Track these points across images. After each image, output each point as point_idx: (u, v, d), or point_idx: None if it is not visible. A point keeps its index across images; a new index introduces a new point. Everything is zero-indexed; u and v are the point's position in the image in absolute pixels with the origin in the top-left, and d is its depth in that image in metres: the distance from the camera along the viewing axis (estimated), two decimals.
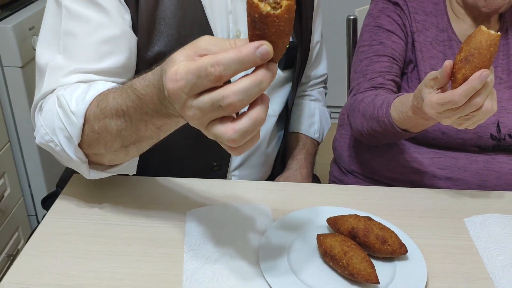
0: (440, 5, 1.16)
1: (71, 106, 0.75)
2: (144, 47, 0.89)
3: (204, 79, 0.53)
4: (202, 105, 0.54)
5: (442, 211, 0.84)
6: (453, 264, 0.73)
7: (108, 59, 0.85)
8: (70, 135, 0.75)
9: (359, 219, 0.73)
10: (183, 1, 0.89)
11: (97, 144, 0.75)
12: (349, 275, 0.67)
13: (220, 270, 0.70)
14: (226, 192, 0.87)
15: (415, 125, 0.92)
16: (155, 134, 0.70)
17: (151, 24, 0.88)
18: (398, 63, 1.12)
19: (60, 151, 0.78)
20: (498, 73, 1.13)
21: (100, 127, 0.73)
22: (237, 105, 0.53)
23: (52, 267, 0.71)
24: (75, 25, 0.84)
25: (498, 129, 1.09)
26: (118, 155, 0.77)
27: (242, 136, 0.54)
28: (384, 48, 1.12)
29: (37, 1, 1.76)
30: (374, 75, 1.10)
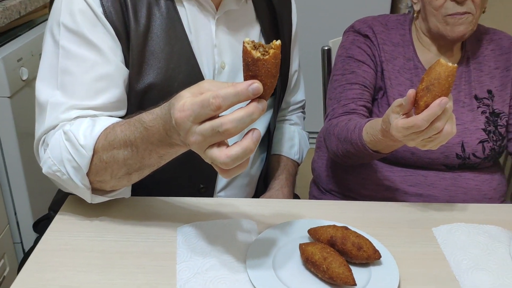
0: (406, 37, 1.26)
1: (80, 140, 0.82)
2: (135, 80, 0.96)
3: (207, 109, 0.63)
4: (203, 131, 0.64)
5: (412, 222, 0.91)
6: (423, 268, 0.80)
7: (103, 95, 0.91)
8: (78, 165, 0.83)
9: (337, 228, 0.80)
10: (171, 36, 0.97)
11: (104, 172, 0.83)
12: (329, 279, 0.73)
13: (211, 279, 0.75)
14: (214, 209, 0.93)
15: (385, 146, 1.00)
16: (157, 162, 0.79)
17: (142, 58, 0.95)
18: (369, 90, 1.21)
19: (67, 180, 0.85)
20: (461, 98, 1.23)
21: (108, 157, 0.81)
22: (232, 131, 0.63)
23: (54, 280, 0.76)
24: (72, 63, 0.90)
25: (463, 149, 1.19)
26: (121, 182, 0.85)
27: (233, 161, 0.64)
28: (355, 76, 1.21)
29: (25, 34, 1.82)
30: (347, 101, 1.19)
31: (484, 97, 1.23)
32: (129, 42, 0.94)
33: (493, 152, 1.20)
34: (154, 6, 0.96)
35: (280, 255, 0.80)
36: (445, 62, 0.79)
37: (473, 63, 1.25)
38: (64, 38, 0.90)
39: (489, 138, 1.20)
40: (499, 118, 1.22)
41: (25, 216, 1.78)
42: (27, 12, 1.89)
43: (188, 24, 0.98)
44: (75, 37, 0.90)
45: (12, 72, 1.64)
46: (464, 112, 1.21)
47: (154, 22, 0.96)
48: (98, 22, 0.91)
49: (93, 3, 0.90)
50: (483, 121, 1.21)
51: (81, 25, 0.90)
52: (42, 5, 2.04)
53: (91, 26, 0.90)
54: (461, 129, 1.19)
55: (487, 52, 1.27)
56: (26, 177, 1.74)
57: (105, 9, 0.91)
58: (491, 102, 1.23)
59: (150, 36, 0.96)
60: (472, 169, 1.21)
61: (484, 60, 1.26)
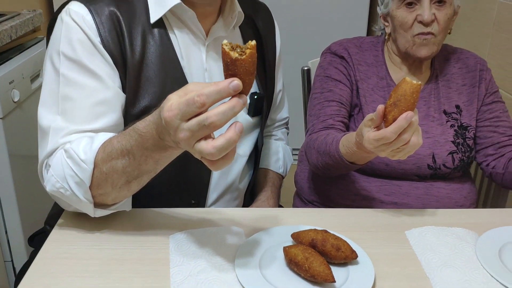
0: (379, 57, 1.36)
1: (80, 156, 0.88)
2: (131, 103, 1.02)
3: (192, 106, 0.70)
4: (191, 126, 0.70)
5: (386, 226, 0.99)
6: (396, 267, 0.87)
7: (102, 119, 0.97)
8: (81, 180, 0.88)
9: (317, 232, 0.87)
10: (164, 62, 1.03)
11: (105, 183, 0.88)
12: (310, 277, 0.80)
13: (202, 280, 0.82)
14: (204, 218, 1.00)
15: (360, 158, 1.08)
16: (153, 168, 0.85)
17: (138, 84, 1.02)
18: (345, 106, 1.30)
19: (70, 195, 0.90)
20: (431, 113, 1.32)
21: (108, 168, 0.87)
22: (217, 123, 0.70)
23: (54, 285, 0.81)
24: (72, 90, 0.96)
25: (434, 160, 1.27)
26: (122, 192, 0.90)
27: (218, 151, 0.70)
28: (333, 94, 1.30)
29: (15, 57, 1.87)
30: (326, 118, 1.28)
31: (452, 112, 1.32)
32: (126, 68, 1.00)
33: (462, 163, 1.29)
34: (148, 34, 1.02)
35: (265, 257, 0.87)
36: (410, 80, 0.87)
37: (441, 81, 1.35)
38: (64, 67, 0.96)
39: (458, 149, 1.29)
40: (467, 131, 1.31)
41: (16, 234, 1.82)
42: (18, 36, 1.95)
43: (180, 50, 1.05)
44: (74, 65, 0.96)
45: (4, 94, 1.69)
46: (434, 126, 1.30)
47: (149, 50, 1.02)
48: (96, 51, 0.97)
49: (91, 33, 0.97)
50: (452, 134, 1.30)
51: (80, 54, 0.96)
52: (31, 29, 2.10)
53: (89, 55, 0.96)
54: (432, 142, 1.28)
55: (455, 70, 1.36)
56: (18, 196, 1.78)
57: (103, 38, 0.97)
58: (459, 116, 1.32)
59: (145, 63, 1.02)
60: (443, 178, 1.30)
61: (452, 77, 1.35)
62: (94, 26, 0.98)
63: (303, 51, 2.17)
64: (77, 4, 1.00)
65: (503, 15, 1.80)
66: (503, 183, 1.31)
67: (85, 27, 0.97)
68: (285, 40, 1.32)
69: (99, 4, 1.00)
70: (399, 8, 1.25)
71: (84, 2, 1.00)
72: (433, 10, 1.22)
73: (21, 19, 1.99)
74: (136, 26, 1.02)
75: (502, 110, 1.35)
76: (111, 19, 1.00)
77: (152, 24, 1.03)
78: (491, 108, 1.34)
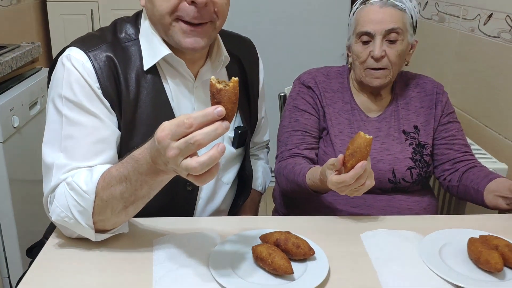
0: (345, 84, 1.51)
1: (82, 187, 0.98)
2: (125, 141, 1.12)
3: (181, 127, 0.82)
4: (179, 144, 0.82)
5: (344, 229, 1.13)
6: (349, 262, 1.00)
7: (100, 157, 1.07)
8: (84, 208, 0.98)
9: (281, 233, 1.01)
10: (156, 104, 1.15)
11: (105, 210, 0.99)
12: (273, 270, 0.93)
13: (181, 275, 0.95)
14: (185, 226, 1.13)
15: (323, 189, 1.26)
16: (147, 193, 0.96)
17: (132, 123, 1.13)
18: (311, 134, 1.46)
19: (74, 223, 1.00)
20: (391, 132, 1.47)
21: (107, 195, 0.97)
22: (201, 141, 0.81)
23: (56, 280, 0.94)
24: (74, 130, 1.06)
25: (394, 175, 1.42)
26: (120, 217, 1.01)
27: (201, 166, 0.82)
28: (299, 124, 1.47)
29: (16, 86, 2.01)
30: (292, 146, 1.45)
31: (411, 132, 1.47)
32: (121, 109, 1.11)
33: (420, 177, 1.44)
34: (142, 79, 1.13)
35: (236, 255, 1.00)
36: (364, 135, 1.06)
37: (401, 104, 1.50)
38: (67, 109, 1.06)
39: (416, 165, 1.43)
40: (424, 148, 1.46)
41: (13, 252, 1.92)
42: (18, 66, 2.10)
43: (171, 93, 1.17)
44: (75, 107, 1.06)
45: (4, 120, 1.82)
46: (394, 144, 1.45)
47: (142, 93, 1.13)
48: (95, 96, 1.07)
49: (90, 80, 1.07)
50: (411, 151, 1.44)
51: (81, 98, 1.06)
52: (30, 60, 2.25)
53: (89, 98, 1.07)
54: (392, 159, 1.43)
55: (413, 94, 1.52)
56: (16, 217, 1.89)
57: (101, 84, 1.08)
58: (417, 135, 1.47)
59: (139, 105, 1.14)
60: (403, 192, 1.44)
61: (411, 100, 1.51)
62: (94, 72, 1.08)
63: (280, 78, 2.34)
64: (77, 50, 1.09)
65: (463, 45, 1.98)
66: (458, 195, 1.45)
67: (85, 73, 1.07)
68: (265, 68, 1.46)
69: (97, 51, 1.10)
70: (357, 43, 1.41)
71: (84, 49, 1.09)
72: (384, 47, 1.37)
73: (20, 51, 2.14)
74: (131, 72, 1.12)
75: (457, 129, 1.50)
76: (109, 65, 1.10)
77: (145, 70, 1.13)
78: (447, 128, 1.49)
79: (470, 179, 1.40)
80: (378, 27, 1.36)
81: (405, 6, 1.39)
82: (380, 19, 1.36)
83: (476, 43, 1.86)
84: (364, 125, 1.48)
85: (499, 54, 1.70)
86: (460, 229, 1.11)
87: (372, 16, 1.37)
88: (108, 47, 1.12)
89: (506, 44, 1.67)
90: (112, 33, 1.16)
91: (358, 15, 1.42)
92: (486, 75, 1.79)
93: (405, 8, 1.39)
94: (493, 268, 0.94)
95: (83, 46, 1.11)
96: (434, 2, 2.22)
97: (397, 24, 1.37)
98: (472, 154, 1.48)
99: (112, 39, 1.15)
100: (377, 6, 1.38)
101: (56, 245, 1.05)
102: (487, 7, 1.79)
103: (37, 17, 3.21)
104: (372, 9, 1.38)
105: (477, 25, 1.85)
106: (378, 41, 1.37)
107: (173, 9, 1.07)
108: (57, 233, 1.09)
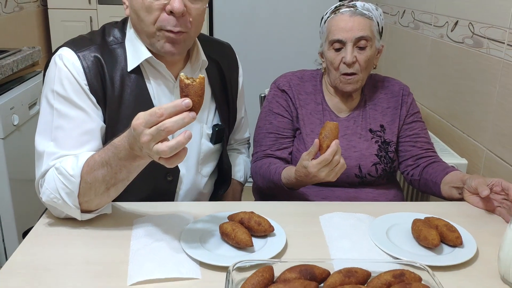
0: (317, 86, 1.63)
1: (69, 172, 1.11)
2: (109, 133, 1.23)
3: (153, 116, 0.94)
4: (151, 131, 0.94)
5: (306, 213, 1.25)
6: (305, 239, 1.13)
7: (87, 146, 1.20)
8: (70, 190, 1.11)
9: (246, 213, 1.13)
10: (139, 101, 1.26)
11: (89, 192, 1.11)
12: (236, 244, 1.06)
13: (155, 248, 1.07)
14: (164, 210, 1.25)
15: (297, 186, 1.39)
16: (126, 176, 1.09)
17: (116, 119, 1.25)
18: (284, 135, 1.59)
19: (62, 203, 1.13)
20: (359, 131, 1.58)
21: (91, 178, 1.10)
22: (170, 128, 0.93)
23: (41, 252, 1.07)
24: (63, 121, 1.19)
25: (360, 170, 1.54)
26: (103, 198, 1.13)
27: (170, 149, 0.94)
28: (272, 127, 1.60)
29: (16, 87, 2.15)
30: (266, 148, 1.59)
31: (377, 130, 1.59)
32: (106, 106, 1.23)
33: (385, 172, 1.55)
34: (126, 78, 1.25)
35: (205, 232, 1.13)
36: (328, 122, 1.24)
37: (369, 104, 1.62)
38: (57, 103, 1.19)
39: (380, 161, 1.55)
40: (389, 146, 1.58)
41: (11, 236, 2.06)
42: (18, 69, 2.24)
43: (153, 91, 1.30)
44: (65, 101, 1.19)
45: (5, 118, 1.97)
46: (361, 142, 1.57)
47: (126, 91, 1.26)
48: (83, 92, 1.20)
49: (79, 78, 1.20)
50: (376, 148, 1.56)
51: (70, 93, 1.19)
52: (30, 63, 2.39)
53: (77, 93, 1.20)
54: (358, 155, 1.55)
55: (381, 95, 1.63)
56: (14, 208, 2.03)
57: (89, 82, 1.21)
58: (383, 134, 1.59)
59: (123, 101, 1.25)
60: (370, 185, 1.56)
61: (378, 101, 1.62)
62: (82, 70, 1.20)
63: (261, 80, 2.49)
64: (68, 50, 1.22)
65: (434, 50, 2.11)
66: (419, 188, 1.57)
67: (74, 71, 1.20)
68: (246, 71, 1.59)
69: (86, 51, 1.23)
70: (329, 50, 1.52)
71: (74, 50, 1.22)
72: (355, 53, 1.48)
73: (22, 54, 2.29)
74: (117, 71, 1.24)
75: (421, 128, 1.62)
76: (96, 64, 1.22)
77: (129, 70, 1.26)
78: (411, 127, 1.61)
79: (429, 173, 1.52)
80: (349, 35, 1.48)
81: (372, 15, 1.51)
82: (350, 27, 1.48)
83: (445, 48, 1.99)
84: None
85: (464, 58, 1.83)
86: (409, 212, 1.23)
87: (343, 25, 1.48)
88: (97, 48, 1.25)
89: (469, 49, 1.79)
90: (101, 36, 1.29)
91: (330, 24, 1.53)
92: (453, 78, 1.92)
93: (372, 16, 1.51)
94: (431, 244, 1.06)
95: (74, 46, 1.24)
96: (411, 10, 2.35)
97: (366, 32, 1.48)
98: (434, 151, 1.61)
99: (101, 41, 1.28)
100: (347, 15, 1.49)
101: (46, 224, 1.18)
102: (453, 15, 1.92)
103: (39, 23, 3.36)
104: (342, 18, 1.50)
105: (445, 31, 1.98)
106: (350, 47, 1.48)
107: (155, 19, 1.19)
108: (48, 214, 1.22)
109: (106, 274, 0.99)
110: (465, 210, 1.31)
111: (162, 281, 0.97)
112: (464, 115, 1.84)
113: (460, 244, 1.09)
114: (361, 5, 1.52)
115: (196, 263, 1.02)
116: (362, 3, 1.53)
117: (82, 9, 3.30)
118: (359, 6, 1.51)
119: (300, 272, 0.92)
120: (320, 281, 0.93)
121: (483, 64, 1.69)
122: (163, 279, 0.97)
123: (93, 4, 3.28)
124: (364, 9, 1.51)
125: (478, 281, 1.00)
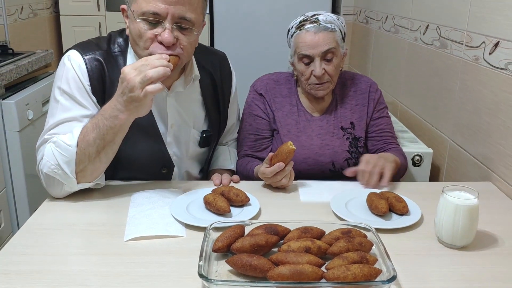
0: (292, 89, 1.73)
1: (67, 142, 1.27)
2: None
3: (139, 62, 1.18)
4: (137, 66, 1.17)
5: (284, 190, 1.45)
6: (277, 209, 1.33)
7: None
8: (68, 159, 1.26)
9: (226, 186, 1.34)
10: None
11: (84, 158, 1.26)
12: (216, 210, 1.26)
13: (148, 213, 1.26)
14: (162, 186, 1.45)
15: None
16: (112, 138, 1.26)
17: None
18: (263, 135, 1.71)
19: (61, 173, 1.28)
20: (331, 129, 1.68)
21: (85, 144, 1.27)
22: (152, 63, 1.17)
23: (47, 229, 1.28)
24: (66, 115, 1.33)
25: (334, 166, 1.66)
26: (95, 164, 1.30)
27: (156, 73, 1.16)
28: (251, 128, 1.72)
29: (31, 86, 2.35)
30: (246, 148, 1.72)
31: (348, 128, 1.68)
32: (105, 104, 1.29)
33: (356, 166, 1.66)
34: None
35: (192, 202, 1.33)
36: (290, 144, 1.37)
37: (340, 103, 1.70)
38: (63, 98, 1.34)
39: (352, 156, 1.67)
40: (358, 141, 1.68)
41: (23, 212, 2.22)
42: (33, 70, 2.44)
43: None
44: (70, 98, 1.34)
45: (21, 113, 2.16)
46: (333, 139, 1.68)
47: None
48: (85, 91, 1.34)
49: (83, 79, 1.34)
50: (347, 144, 1.67)
51: (74, 91, 1.33)
52: (44, 65, 2.59)
53: (80, 92, 1.34)
54: (332, 152, 1.66)
55: (350, 93, 1.70)
56: (28, 194, 2.22)
57: (91, 82, 1.34)
58: (353, 130, 1.68)
59: None
60: (343, 177, 1.67)
61: (348, 99, 1.70)
62: (86, 73, 1.34)
63: None
64: (76, 53, 1.36)
65: (410, 52, 2.30)
66: None
67: (79, 73, 1.34)
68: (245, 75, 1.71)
69: (92, 55, 1.36)
70: (299, 63, 1.60)
71: (82, 53, 1.36)
72: (323, 66, 1.56)
73: (36, 56, 2.50)
74: (117, 75, 1.27)
75: (386, 124, 1.72)
76: (99, 68, 1.36)
77: None
78: (377, 123, 1.71)
79: None
80: (315, 51, 1.55)
81: (335, 26, 1.57)
82: (316, 43, 1.54)
83: (419, 50, 2.18)
84: (309, 124, 1.69)
85: (433, 59, 2.01)
86: (369, 189, 1.43)
87: (309, 42, 1.55)
88: (101, 54, 1.39)
89: (437, 50, 1.98)
90: (106, 43, 1.43)
91: (296, 39, 1.59)
92: (425, 77, 2.11)
93: (335, 28, 1.57)
94: (380, 211, 1.26)
95: (82, 50, 1.38)
96: (392, 16, 2.55)
97: (331, 45, 1.55)
98: (397, 143, 1.72)
99: (106, 47, 1.41)
100: (312, 32, 1.55)
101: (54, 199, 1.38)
102: (425, 19, 2.12)
103: (51, 28, 3.58)
104: (308, 35, 1.56)
105: (419, 35, 2.17)
106: (318, 62, 1.55)
107: (148, 46, 1.30)
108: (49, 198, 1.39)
109: (106, 232, 1.20)
110: (423, 188, 1.51)
111: (153, 238, 1.17)
112: (432, 109, 2.02)
113: (407, 213, 1.28)
114: (324, 18, 1.57)
115: (182, 225, 1.22)
116: (324, 16, 1.59)
117: (91, 16, 3.51)
118: (321, 20, 1.57)
119: (265, 229, 1.11)
120: (282, 237, 1.12)
121: (447, 64, 1.88)
122: (153, 236, 1.17)
123: (101, 11, 3.49)
124: (326, 22, 1.57)
125: (419, 241, 1.18)
